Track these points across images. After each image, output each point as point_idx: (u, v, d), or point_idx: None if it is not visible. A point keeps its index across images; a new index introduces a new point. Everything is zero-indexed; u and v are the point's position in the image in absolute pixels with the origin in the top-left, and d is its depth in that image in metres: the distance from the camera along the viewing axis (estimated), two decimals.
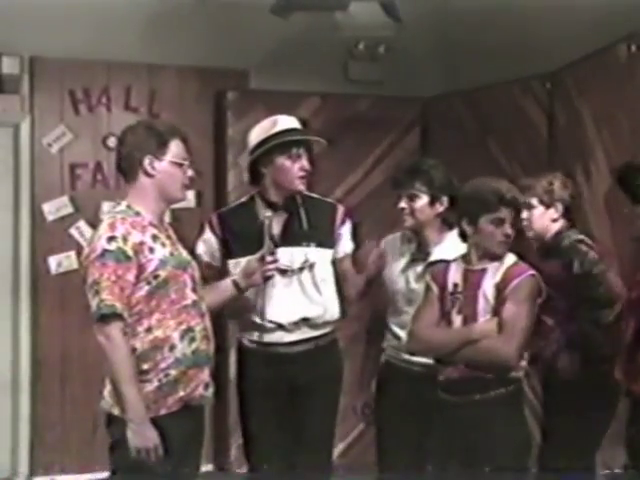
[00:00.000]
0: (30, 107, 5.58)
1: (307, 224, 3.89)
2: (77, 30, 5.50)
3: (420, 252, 3.99)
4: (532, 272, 3.57)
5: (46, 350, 5.56)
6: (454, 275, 3.63)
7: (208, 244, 3.96)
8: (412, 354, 3.83)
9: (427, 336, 3.63)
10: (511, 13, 5.43)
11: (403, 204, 3.93)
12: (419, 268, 3.96)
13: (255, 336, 3.91)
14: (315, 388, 3.88)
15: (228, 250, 3.89)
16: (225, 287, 3.77)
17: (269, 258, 3.70)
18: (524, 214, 3.96)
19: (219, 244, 3.93)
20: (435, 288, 3.65)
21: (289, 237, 3.86)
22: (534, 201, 4.11)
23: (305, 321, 3.88)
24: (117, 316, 3.25)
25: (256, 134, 3.95)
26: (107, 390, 3.36)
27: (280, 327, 3.87)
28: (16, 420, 5.59)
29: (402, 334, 3.93)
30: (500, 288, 3.53)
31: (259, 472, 3.91)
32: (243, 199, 4.06)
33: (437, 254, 3.93)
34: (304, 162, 3.89)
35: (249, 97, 5.79)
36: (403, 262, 4.01)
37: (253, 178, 3.95)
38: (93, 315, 3.27)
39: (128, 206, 3.40)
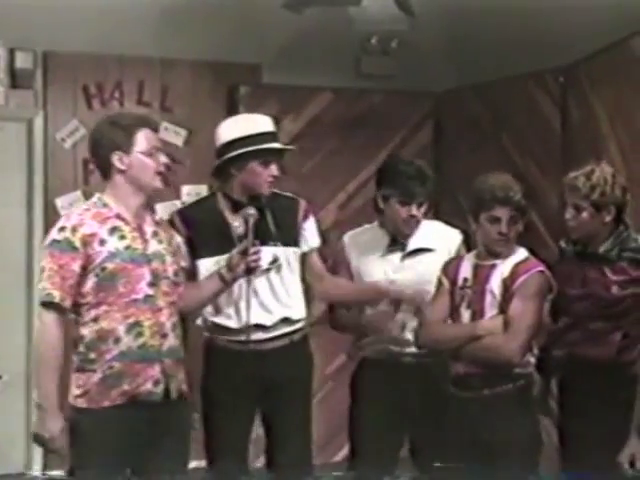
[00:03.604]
0: (43, 102, 5.60)
1: (274, 224, 3.83)
2: (90, 25, 5.50)
3: (396, 243, 3.99)
4: (541, 268, 3.57)
5: None
6: (465, 270, 3.64)
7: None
8: (419, 348, 3.82)
9: (435, 331, 3.65)
10: (524, 7, 5.42)
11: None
12: (396, 259, 3.97)
13: (229, 336, 3.85)
14: (289, 384, 3.86)
15: (194, 249, 3.80)
16: (211, 281, 3.71)
17: (252, 250, 3.65)
18: (568, 214, 3.70)
19: (185, 243, 3.82)
20: (446, 282, 3.66)
21: (257, 237, 3.77)
22: (583, 203, 3.65)
23: (284, 321, 3.86)
24: (53, 305, 3.33)
25: (230, 131, 3.88)
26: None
27: (258, 327, 3.82)
28: (30, 414, 5.61)
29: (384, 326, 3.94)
30: (508, 284, 3.52)
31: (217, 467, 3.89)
32: (203, 195, 4.02)
33: (415, 243, 3.96)
34: (273, 167, 3.83)
35: (262, 92, 5.80)
36: (378, 254, 4.00)
37: (219, 174, 3.90)
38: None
39: (99, 198, 3.47)
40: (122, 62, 5.69)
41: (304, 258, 3.95)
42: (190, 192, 5.76)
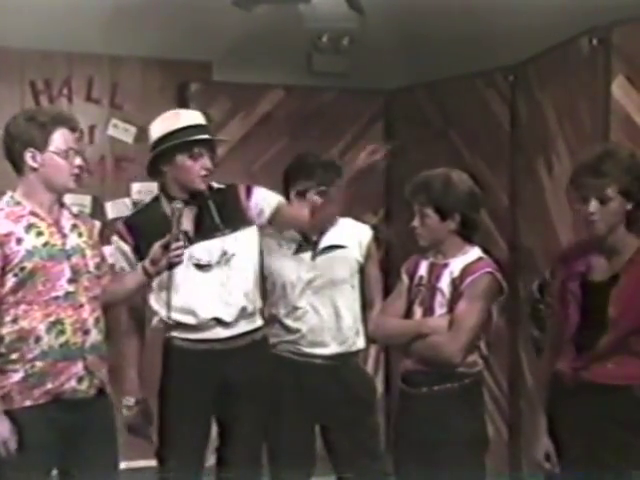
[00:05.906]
0: None
1: (218, 216, 3.79)
2: (38, 20, 5.44)
3: (307, 242, 3.98)
4: (489, 270, 3.56)
5: None
6: (422, 267, 3.65)
7: (122, 253, 3.85)
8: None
9: (386, 325, 3.66)
10: (475, 5, 5.45)
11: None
12: (307, 258, 3.96)
13: (188, 334, 3.82)
14: (248, 387, 3.83)
15: (141, 255, 3.73)
16: (134, 274, 3.68)
17: (175, 245, 3.59)
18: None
19: (132, 251, 3.82)
20: (406, 279, 3.67)
21: (202, 231, 3.78)
22: None
23: (244, 313, 3.82)
24: None
25: (158, 128, 3.85)
26: None
27: (218, 322, 3.79)
28: None
29: (298, 326, 3.94)
30: (457, 284, 3.53)
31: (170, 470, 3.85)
32: (147, 200, 3.99)
33: (326, 240, 3.96)
34: (206, 161, 3.80)
35: (212, 89, 5.77)
36: (289, 254, 3.99)
37: (152, 173, 3.88)
38: None
39: (11, 197, 3.41)
40: (71, 58, 5.64)
41: (277, 216, 3.88)
42: (141, 190, 5.72)
